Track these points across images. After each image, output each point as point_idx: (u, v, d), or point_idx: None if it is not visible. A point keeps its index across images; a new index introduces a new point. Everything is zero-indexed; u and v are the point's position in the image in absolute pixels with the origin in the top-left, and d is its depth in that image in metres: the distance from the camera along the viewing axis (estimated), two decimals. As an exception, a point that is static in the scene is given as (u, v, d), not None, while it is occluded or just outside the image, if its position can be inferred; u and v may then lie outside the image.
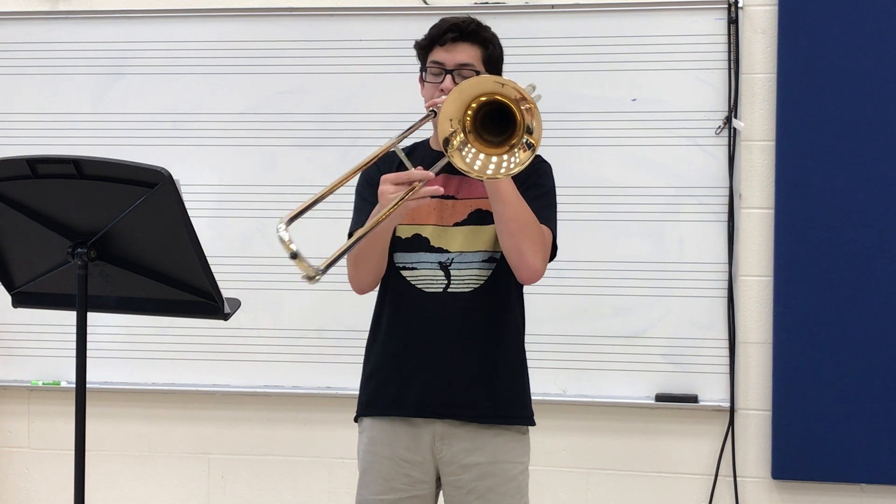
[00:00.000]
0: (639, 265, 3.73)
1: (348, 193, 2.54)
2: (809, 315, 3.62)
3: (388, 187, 2.23)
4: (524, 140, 2.16)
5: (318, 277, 1.90)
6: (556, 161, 2.56)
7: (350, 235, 2.50)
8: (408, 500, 2.46)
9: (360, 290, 2.51)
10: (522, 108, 2.14)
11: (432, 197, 2.24)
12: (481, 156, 2.20)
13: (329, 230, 2.76)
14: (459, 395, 2.43)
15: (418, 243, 2.44)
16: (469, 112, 2.18)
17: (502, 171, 2.19)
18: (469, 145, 2.20)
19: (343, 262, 2.51)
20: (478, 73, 2.42)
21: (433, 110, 2.33)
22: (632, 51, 3.74)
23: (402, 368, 2.46)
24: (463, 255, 2.45)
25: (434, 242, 2.45)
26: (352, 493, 2.55)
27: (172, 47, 3.95)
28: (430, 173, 2.22)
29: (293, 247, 1.87)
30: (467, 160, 2.20)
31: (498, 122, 2.19)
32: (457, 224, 2.45)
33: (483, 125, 2.20)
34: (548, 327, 3.71)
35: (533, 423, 2.52)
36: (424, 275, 2.45)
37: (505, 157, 2.19)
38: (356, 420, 2.57)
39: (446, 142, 2.18)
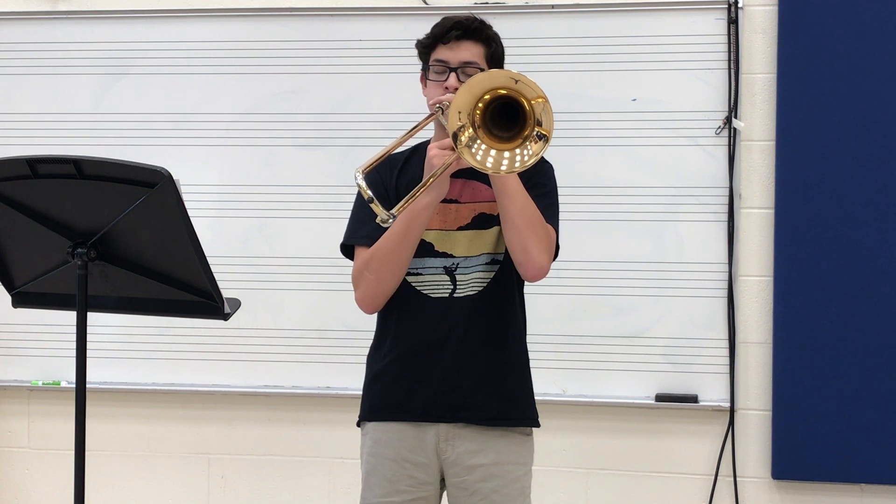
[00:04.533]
0: (639, 265, 3.72)
1: (347, 195, 2.54)
2: (809, 315, 3.62)
3: (435, 151, 2.26)
4: (535, 132, 2.14)
5: (390, 221, 2.09)
6: (556, 161, 2.55)
7: (343, 247, 2.50)
8: (412, 502, 2.44)
9: (375, 304, 2.46)
10: (532, 101, 2.12)
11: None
12: (493, 152, 2.16)
13: (329, 229, 2.76)
14: (465, 398, 2.42)
15: (422, 248, 2.42)
16: (479, 107, 2.15)
17: (517, 164, 2.16)
18: (479, 141, 2.16)
19: (345, 263, 2.54)
20: (482, 70, 2.39)
21: (440, 107, 2.31)
22: (632, 51, 3.73)
23: (408, 373, 2.45)
24: (468, 260, 2.44)
25: (438, 247, 2.44)
26: (352, 493, 2.55)
27: (172, 47, 3.95)
28: None
29: (369, 192, 2.06)
30: (478, 157, 2.16)
31: (507, 117, 2.16)
32: (460, 228, 2.44)
33: (493, 121, 2.17)
34: (548, 327, 3.70)
35: (538, 425, 2.51)
36: (430, 280, 2.44)
37: (518, 150, 2.15)
38: (359, 424, 2.55)
39: (454, 137, 2.15)
